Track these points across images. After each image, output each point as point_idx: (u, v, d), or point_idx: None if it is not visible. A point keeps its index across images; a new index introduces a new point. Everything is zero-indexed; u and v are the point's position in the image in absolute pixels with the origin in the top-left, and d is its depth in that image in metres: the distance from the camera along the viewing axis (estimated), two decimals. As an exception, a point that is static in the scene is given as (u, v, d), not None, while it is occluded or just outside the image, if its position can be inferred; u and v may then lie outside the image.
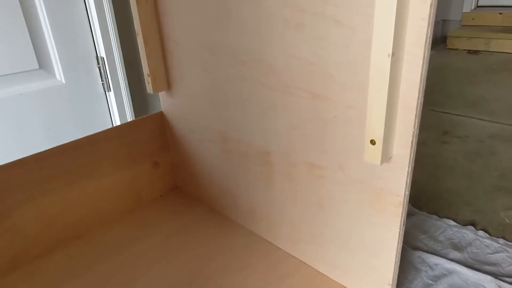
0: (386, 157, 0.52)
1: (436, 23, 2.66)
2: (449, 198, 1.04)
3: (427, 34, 0.45)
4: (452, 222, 0.91)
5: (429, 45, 0.46)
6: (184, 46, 0.79)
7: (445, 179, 1.13)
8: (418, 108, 0.50)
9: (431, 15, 0.44)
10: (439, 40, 2.64)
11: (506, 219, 0.93)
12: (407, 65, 0.47)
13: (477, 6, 2.56)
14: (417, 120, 0.50)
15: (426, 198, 1.05)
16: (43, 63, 1.07)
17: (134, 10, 0.79)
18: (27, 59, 1.03)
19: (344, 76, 0.55)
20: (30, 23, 1.02)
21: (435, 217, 0.94)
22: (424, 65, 0.47)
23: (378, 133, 0.49)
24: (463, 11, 2.55)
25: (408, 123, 0.50)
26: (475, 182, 1.10)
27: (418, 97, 0.49)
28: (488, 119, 1.51)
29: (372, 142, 0.50)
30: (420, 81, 0.48)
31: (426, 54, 0.46)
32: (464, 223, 0.92)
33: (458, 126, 1.46)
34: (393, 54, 0.45)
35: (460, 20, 2.56)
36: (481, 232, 0.87)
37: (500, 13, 2.40)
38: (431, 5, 0.43)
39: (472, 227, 0.89)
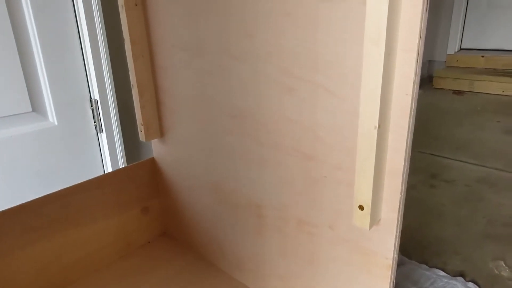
0: (374, 221, 0.53)
1: (423, 64, 2.77)
2: (438, 246, 1.05)
3: (411, 107, 0.47)
4: (441, 273, 0.91)
5: (413, 116, 0.48)
6: (178, 98, 0.80)
7: (434, 226, 1.14)
8: (405, 174, 0.51)
9: (415, 91, 0.47)
10: (426, 79, 2.73)
11: (495, 270, 0.93)
12: (393, 135, 0.49)
13: (461, 49, 2.68)
14: (403, 185, 0.52)
15: (415, 245, 1.05)
16: (36, 105, 1.07)
17: (130, 63, 0.81)
18: (20, 102, 1.04)
19: (332, 139, 0.57)
20: (26, 66, 1.04)
21: (424, 266, 0.94)
22: (409, 135, 0.49)
23: (366, 199, 0.50)
24: (447, 53, 2.67)
25: (395, 189, 0.52)
26: (463, 229, 1.11)
27: (404, 164, 0.50)
28: (475, 162, 1.54)
29: (361, 207, 0.51)
30: (406, 149, 0.50)
31: (411, 125, 0.48)
32: (454, 273, 0.92)
33: (445, 169, 1.48)
34: (379, 126, 0.47)
35: (445, 61, 2.67)
36: (470, 284, 0.87)
37: (483, 56, 2.51)
38: (414, 82, 0.46)
39: (461, 278, 0.89)
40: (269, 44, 0.59)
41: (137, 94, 0.83)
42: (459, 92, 2.48)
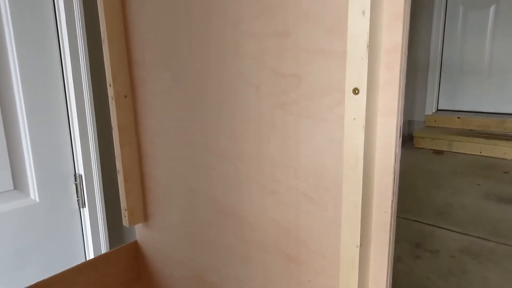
0: (359, 334, 0.52)
1: (403, 123, 2.87)
2: (427, 328, 1.03)
3: (390, 224, 0.49)
4: None
5: (393, 235, 0.50)
6: (163, 186, 0.81)
7: (421, 303, 1.12)
8: (388, 283, 0.52)
9: (393, 208, 0.49)
10: (406, 138, 2.82)
11: None
12: (375, 255, 0.50)
13: (438, 110, 2.81)
14: (387, 297, 0.52)
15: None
16: (18, 183, 1.06)
17: (117, 150, 0.82)
18: (2, 181, 1.02)
19: (315, 244, 0.57)
20: (11, 142, 1.04)
21: None
22: (390, 248, 0.50)
23: (350, 314, 0.50)
24: (425, 113, 2.79)
25: (379, 300, 0.52)
26: (450, 307, 1.10)
27: (387, 278, 0.51)
28: (457, 230, 1.56)
29: (345, 322, 0.51)
30: (388, 263, 0.51)
31: (391, 241, 0.50)
32: None
33: (429, 238, 1.49)
34: (361, 245, 0.48)
35: (424, 121, 2.79)
36: None
37: (458, 117, 2.64)
38: (392, 201, 0.48)
39: None
40: (252, 149, 0.62)
41: (122, 180, 0.83)
42: (438, 152, 2.56)
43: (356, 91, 0.43)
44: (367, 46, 0.41)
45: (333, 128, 0.51)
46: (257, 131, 0.60)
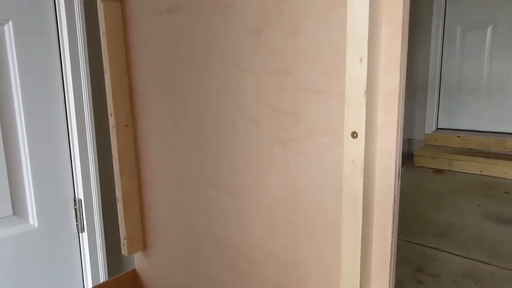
0: None
1: (403, 141, 2.88)
2: None
3: (390, 265, 0.48)
4: None
5: (393, 275, 0.49)
6: (162, 216, 0.81)
7: (423, 332, 1.10)
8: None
9: (393, 249, 0.48)
10: (406, 156, 2.82)
11: None
12: (375, 293, 0.50)
13: (437, 128, 2.82)
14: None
15: None
16: (17, 208, 1.06)
17: (117, 178, 0.82)
18: (1, 207, 1.02)
19: (316, 280, 0.57)
20: (11, 167, 1.04)
21: None
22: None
23: None
24: (425, 132, 2.80)
25: None
26: (453, 336, 1.08)
27: (387, 318, 0.50)
28: (459, 253, 1.54)
29: None
30: (388, 303, 0.50)
31: (391, 281, 0.49)
32: None
33: (431, 262, 1.48)
34: (360, 287, 0.47)
35: (424, 140, 2.79)
36: None
37: (458, 136, 2.64)
38: (391, 243, 0.48)
39: None
40: (251, 183, 0.62)
41: (122, 208, 0.83)
42: (439, 171, 2.56)
43: (355, 135, 0.44)
44: (365, 92, 0.42)
45: (333, 167, 0.51)
46: (257, 166, 0.61)
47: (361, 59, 0.42)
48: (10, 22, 1.01)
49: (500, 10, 2.55)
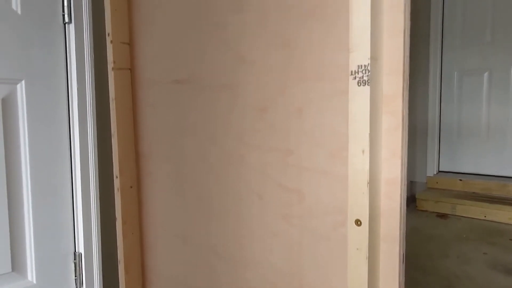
0: None
1: (404, 183, 2.87)
2: None
3: None
4: None
5: None
6: (166, 280, 0.80)
7: None
8: None
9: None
10: (409, 199, 2.81)
11: None
12: None
13: (439, 171, 2.82)
14: None
15: None
16: (16, 264, 1.05)
17: (119, 240, 0.82)
18: (1, 263, 1.01)
19: None
20: (13, 224, 1.04)
21: None
22: None
23: None
24: (427, 175, 2.80)
25: None
26: None
27: None
28: (466, 308, 1.50)
29: None
30: None
31: None
32: None
33: (438, 317, 1.43)
34: None
35: (426, 183, 2.79)
36: None
37: (460, 180, 2.64)
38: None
39: None
40: (254, 255, 0.62)
41: (123, 270, 0.82)
42: (442, 216, 2.54)
43: (359, 223, 0.44)
44: (368, 183, 0.43)
45: (337, 247, 0.51)
46: (261, 239, 0.61)
47: (363, 151, 0.43)
48: (23, 81, 1.05)
49: (495, 57, 2.63)
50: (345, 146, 0.48)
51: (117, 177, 0.80)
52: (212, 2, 0.62)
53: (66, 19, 1.06)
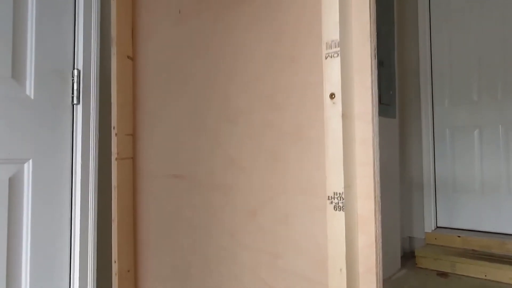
0: None
1: (403, 239, 2.86)
2: None
3: None
4: None
5: None
6: None
7: None
8: None
9: None
10: (408, 255, 2.78)
11: None
12: None
13: (437, 227, 2.83)
14: None
15: None
16: None
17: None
18: None
19: None
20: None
21: None
22: None
23: None
24: (425, 231, 2.80)
25: None
26: None
27: None
28: None
29: None
30: None
31: None
32: None
33: None
34: None
35: (424, 238, 2.78)
36: None
37: (459, 236, 2.63)
38: None
39: None
40: None
41: None
42: (443, 274, 2.51)
43: (339, 337, 0.47)
44: (346, 299, 0.47)
45: None
46: (251, 336, 0.63)
47: (340, 269, 0.47)
48: (31, 161, 1.11)
49: (483, 115, 2.73)
50: (327, 258, 0.53)
51: (115, 261, 0.84)
52: (208, 110, 0.69)
53: (75, 101, 1.14)
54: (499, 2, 2.58)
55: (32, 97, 1.08)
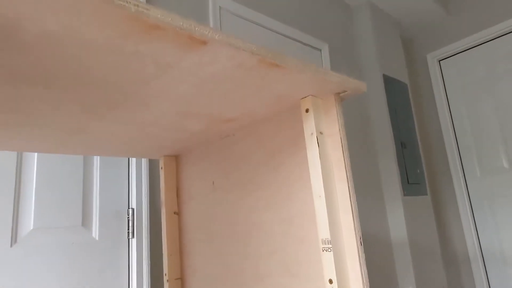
0: None
1: (459, 320, 2.70)
2: None
3: None
4: None
5: None
6: None
7: None
8: None
9: None
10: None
11: None
12: None
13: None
14: None
15: None
16: None
17: None
18: None
19: None
20: None
21: None
22: None
23: None
24: (481, 309, 2.64)
25: None
26: None
27: None
28: None
29: None
30: None
31: None
32: None
33: None
34: None
35: (482, 318, 2.62)
36: None
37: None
38: None
39: None
40: None
41: None
42: None
43: None
44: None
45: None
46: None
47: None
48: (95, 293, 1.29)
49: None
50: None
51: None
52: (239, 269, 0.84)
53: (130, 236, 1.35)
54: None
55: (97, 238, 1.29)
